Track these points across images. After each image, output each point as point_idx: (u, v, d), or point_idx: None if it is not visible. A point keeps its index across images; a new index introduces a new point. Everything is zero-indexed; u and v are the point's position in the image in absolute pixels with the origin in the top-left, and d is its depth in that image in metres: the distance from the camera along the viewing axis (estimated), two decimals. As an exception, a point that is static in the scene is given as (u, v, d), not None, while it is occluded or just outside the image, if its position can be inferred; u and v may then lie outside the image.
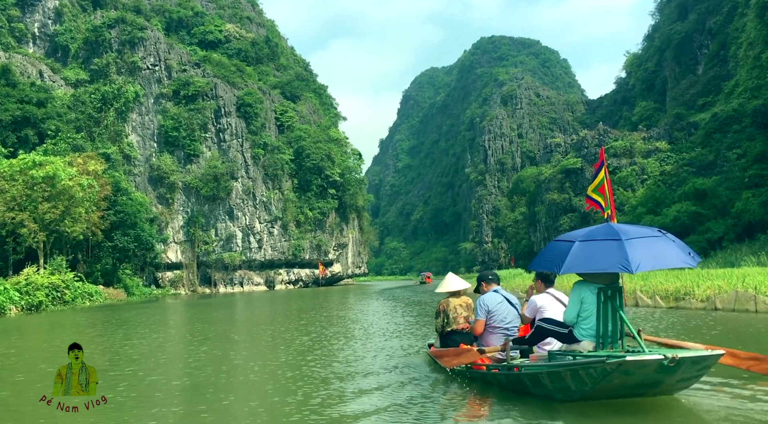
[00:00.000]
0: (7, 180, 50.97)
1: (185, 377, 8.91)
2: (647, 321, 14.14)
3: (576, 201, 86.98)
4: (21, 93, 62.75)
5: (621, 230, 5.98)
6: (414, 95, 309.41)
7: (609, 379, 5.38)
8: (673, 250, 5.80)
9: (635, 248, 5.62)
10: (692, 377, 5.69)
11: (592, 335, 6.06)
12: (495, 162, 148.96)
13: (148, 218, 75.20)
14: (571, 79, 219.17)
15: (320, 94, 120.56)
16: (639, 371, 5.34)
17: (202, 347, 12.80)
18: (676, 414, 5.49)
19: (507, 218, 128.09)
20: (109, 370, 9.41)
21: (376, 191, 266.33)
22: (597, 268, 5.74)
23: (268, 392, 7.19)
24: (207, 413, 6.08)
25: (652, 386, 5.57)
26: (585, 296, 6.13)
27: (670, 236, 6.07)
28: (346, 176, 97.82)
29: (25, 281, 37.63)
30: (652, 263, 5.76)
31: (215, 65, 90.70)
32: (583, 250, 5.86)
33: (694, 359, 5.39)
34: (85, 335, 17.82)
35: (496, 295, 7.43)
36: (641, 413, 5.53)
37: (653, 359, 5.25)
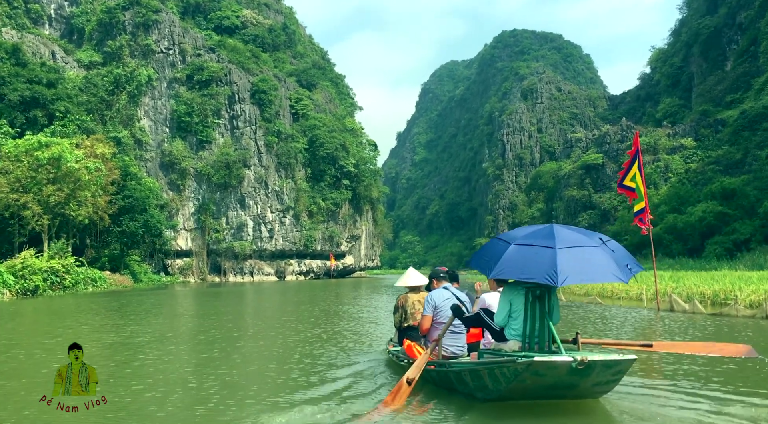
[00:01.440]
0: (12, 161, 49.80)
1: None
2: (686, 330, 12.22)
3: (596, 198, 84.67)
4: (31, 73, 61.55)
5: (559, 236, 5.72)
6: (433, 88, 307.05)
7: (521, 379, 5.31)
8: (606, 263, 5.54)
9: (566, 258, 5.41)
10: (609, 382, 5.57)
11: (519, 335, 5.95)
12: (513, 157, 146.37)
13: (158, 205, 74.05)
14: (593, 74, 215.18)
15: (337, 84, 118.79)
16: (550, 373, 5.26)
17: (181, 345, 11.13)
18: (593, 417, 5.43)
19: (524, 214, 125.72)
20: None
21: (393, 184, 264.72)
22: (524, 276, 5.57)
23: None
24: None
25: (569, 388, 5.47)
26: (513, 297, 6.01)
27: (612, 245, 5.83)
28: (361, 167, 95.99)
29: (21, 265, 36.29)
30: (580, 277, 5.53)
31: (230, 51, 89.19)
32: (516, 254, 5.72)
33: (606, 362, 5.31)
34: (65, 321, 16.31)
35: (444, 291, 7.28)
36: (560, 415, 5.42)
37: (562, 361, 5.18)
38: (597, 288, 23.76)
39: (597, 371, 5.33)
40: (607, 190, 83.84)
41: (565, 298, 22.47)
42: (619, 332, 11.88)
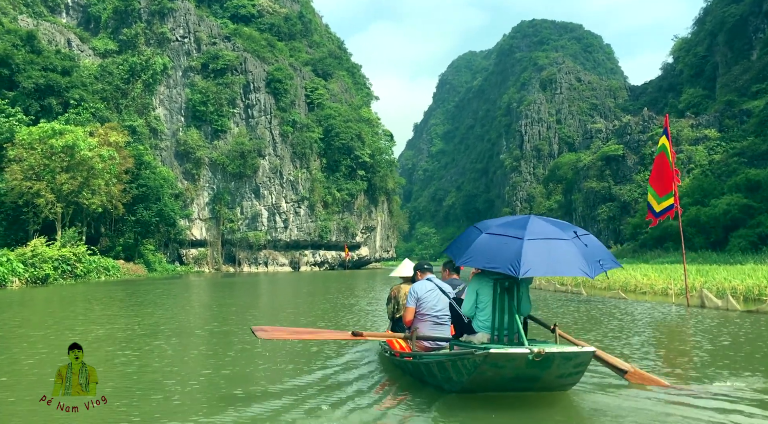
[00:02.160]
0: (25, 148, 49.51)
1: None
2: (720, 330, 11.22)
3: (616, 190, 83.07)
4: (45, 60, 61.21)
5: (531, 227, 5.65)
6: (450, 79, 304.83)
7: (481, 371, 5.31)
8: (573, 257, 5.43)
9: (532, 250, 5.37)
10: (572, 374, 5.52)
11: (487, 327, 5.89)
12: (531, 148, 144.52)
13: (173, 194, 73.75)
14: (614, 65, 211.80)
15: (353, 74, 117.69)
16: (509, 364, 5.24)
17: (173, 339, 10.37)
18: (559, 410, 5.35)
19: (542, 206, 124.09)
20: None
21: (409, 176, 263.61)
22: (489, 265, 5.54)
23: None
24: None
25: (532, 380, 5.42)
26: (481, 288, 5.95)
27: (587, 239, 5.69)
28: (377, 158, 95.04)
29: (31, 253, 35.90)
30: (544, 269, 5.42)
31: (246, 39, 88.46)
32: (485, 243, 5.71)
33: (565, 355, 5.27)
34: (61, 312, 15.69)
35: (427, 283, 7.15)
36: (528, 407, 5.37)
37: (519, 353, 5.15)
38: (619, 282, 22.72)
39: (557, 364, 5.29)
40: (628, 182, 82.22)
41: (586, 292, 21.45)
42: (647, 332, 10.92)
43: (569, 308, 16.05)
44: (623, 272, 25.18)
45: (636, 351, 8.53)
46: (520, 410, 5.27)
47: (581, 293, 21.16)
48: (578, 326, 11.69)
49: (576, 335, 9.10)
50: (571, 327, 11.34)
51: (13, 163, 48.65)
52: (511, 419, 5.09)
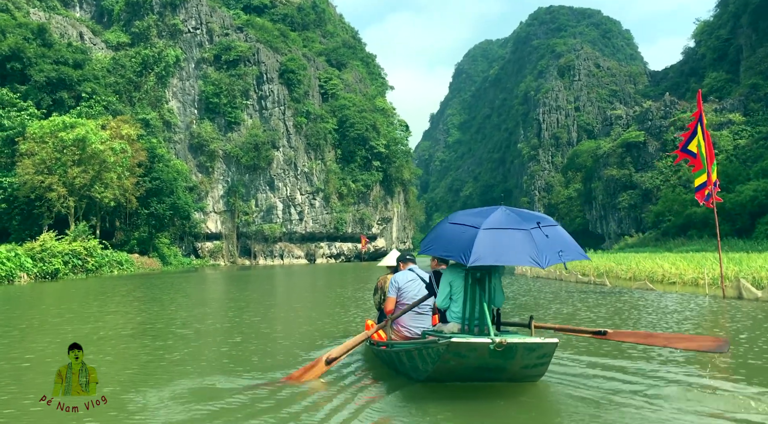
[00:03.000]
0: (36, 142, 49.12)
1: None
2: (761, 324, 10.08)
3: (637, 177, 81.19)
4: (57, 53, 60.82)
5: (491, 217, 5.64)
6: (467, 69, 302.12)
7: (444, 360, 5.35)
8: (525, 247, 5.37)
9: (484, 239, 5.37)
10: (537, 365, 5.51)
11: (459, 318, 5.86)
12: (549, 136, 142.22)
13: (188, 187, 73.30)
14: (633, 51, 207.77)
15: (368, 64, 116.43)
16: (471, 354, 5.27)
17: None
18: (527, 398, 5.32)
19: (560, 195, 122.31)
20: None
21: (426, 167, 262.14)
22: (444, 254, 5.69)
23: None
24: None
25: (498, 370, 5.44)
26: (453, 279, 5.93)
27: (549, 230, 5.60)
28: (392, 148, 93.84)
29: (40, 247, 35.36)
30: (493, 258, 5.33)
31: (258, 30, 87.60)
32: (446, 232, 5.82)
33: (527, 345, 5.27)
34: (53, 308, 14.91)
35: (408, 273, 7.15)
36: (495, 397, 5.28)
37: (480, 342, 5.18)
38: (645, 272, 21.48)
39: (520, 354, 5.30)
40: (649, 169, 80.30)
41: (610, 283, 20.26)
42: (681, 327, 9.81)
43: (592, 300, 14.93)
44: (649, 261, 23.95)
45: (679, 356, 7.24)
46: (483, 400, 5.22)
47: (605, 284, 19.97)
48: (604, 322, 10.59)
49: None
50: (595, 324, 10.26)
51: (24, 158, 48.30)
52: (472, 408, 5.04)
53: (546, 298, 16.17)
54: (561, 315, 11.65)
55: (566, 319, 10.98)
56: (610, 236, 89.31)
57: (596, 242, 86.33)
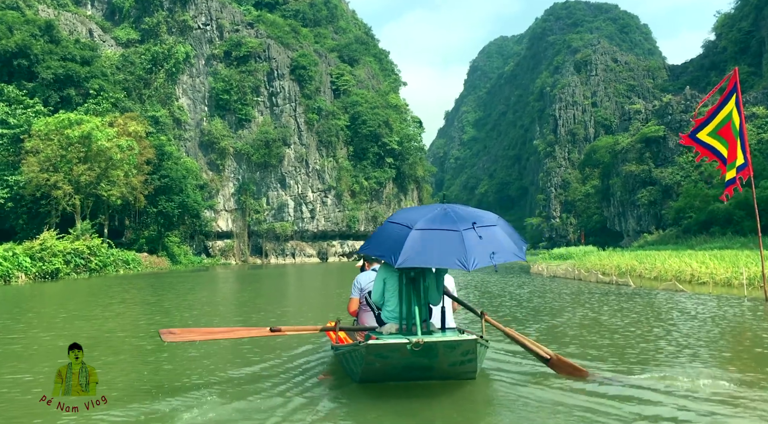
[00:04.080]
0: (42, 140, 48.31)
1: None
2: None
3: (657, 173, 78.97)
4: (64, 50, 60.02)
5: (426, 217, 5.61)
6: (482, 66, 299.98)
7: (369, 361, 5.34)
8: (454, 248, 5.29)
9: (414, 240, 5.36)
10: (464, 362, 5.51)
11: (395, 317, 5.80)
12: (566, 132, 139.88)
13: (198, 185, 72.43)
14: (651, 45, 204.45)
15: (381, 60, 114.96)
16: (393, 355, 5.26)
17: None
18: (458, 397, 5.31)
19: (577, 192, 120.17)
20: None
21: (441, 164, 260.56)
22: (377, 253, 5.72)
23: None
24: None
25: (425, 370, 5.47)
26: (388, 277, 5.85)
27: (484, 231, 5.51)
28: (405, 145, 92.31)
29: (40, 246, 34.36)
30: (421, 259, 5.33)
31: (269, 25, 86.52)
32: (383, 232, 5.82)
33: (447, 343, 5.28)
34: (35, 310, 13.73)
35: (371, 273, 6.89)
36: (424, 397, 5.27)
37: (397, 343, 5.18)
38: (672, 271, 19.88)
39: (442, 353, 5.30)
40: (670, 165, 78.05)
41: (634, 284, 18.67)
42: (731, 343, 8.33)
43: (616, 303, 13.41)
44: (675, 259, 22.32)
45: (738, 375, 5.86)
46: (414, 399, 5.19)
47: (628, 284, 18.38)
48: (636, 331, 9.14)
49: (626, 350, 7.27)
50: (618, 332, 8.83)
51: (30, 155, 47.53)
52: (401, 407, 5.00)
53: (563, 300, 14.68)
54: (585, 324, 10.20)
55: (590, 327, 9.53)
56: (629, 233, 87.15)
57: (614, 239, 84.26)
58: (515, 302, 14.40)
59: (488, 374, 6.08)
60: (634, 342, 7.99)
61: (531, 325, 10.17)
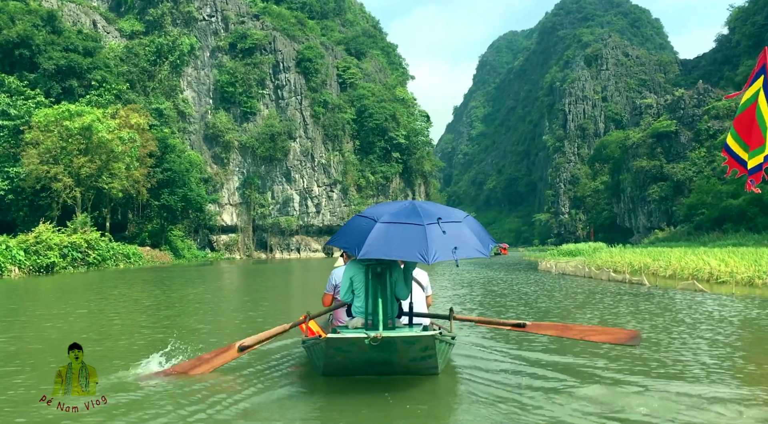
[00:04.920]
0: (42, 131, 47.54)
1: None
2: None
3: (668, 168, 77.58)
4: (66, 41, 59.23)
5: (392, 211, 5.69)
6: (491, 61, 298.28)
7: (329, 355, 5.36)
8: (415, 243, 5.33)
9: (378, 233, 5.44)
10: (425, 358, 5.44)
11: (362, 312, 5.79)
12: (575, 127, 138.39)
13: (202, 178, 71.66)
14: (663, 40, 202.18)
15: (388, 53, 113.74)
16: (352, 349, 5.27)
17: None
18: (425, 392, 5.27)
19: (587, 188, 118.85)
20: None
21: (449, 160, 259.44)
22: (341, 244, 5.83)
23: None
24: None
25: (386, 364, 5.46)
26: (354, 273, 5.86)
27: (449, 226, 5.54)
28: (412, 139, 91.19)
29: (34, 239, 33.53)
30: (383, 252, 5.36)
31: (275, 17, 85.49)
32: (351, 225, 5.92)
33: (406, 339, 5.25)
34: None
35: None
36: (383, 391, 5.20)
37: (355, 338, 5.18)
38: (689, 269, 18.75)
39: (401, 348, 5.28)
40: (681, 160, 76.60)
41: (649, 282, 17.55)
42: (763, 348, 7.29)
43: (633, 304, 12.33)
44: (691, 256, 21.17)
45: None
46: (375, 394, 5.11)
47: (643, 283, 17.25)
48: (665, 338, 8.08)
49: (653, 361, 6.31)
50: (643, 339, 7.77)
51: (29, 147, 46.80)
52: (359, 401, 4.96)
53: (576, 300, 13.60)
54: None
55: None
56: (639, 229, 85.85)
57: (624, 235, 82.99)
58: (522, 302, 13.35)
59: (458, 370, 6.00)
60: (663, 352, 6.93)
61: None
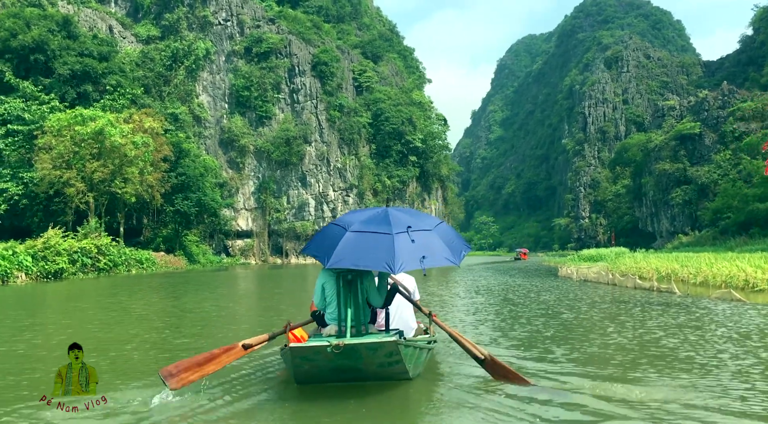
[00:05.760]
0: (54, 136, 47.24)
1: None
2: None
3: (692, 171, 75.67)
4: (81, 46, 58.99)
5: (362, 219, 5.76)
6: (509, 64, 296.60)
7: (296, 363, 5.36)
8: (381, 253, 5.36)
9: (347, 242, 5.49)
10: (392, 364, 5.41)
11: (334, 319, 5.87)
12: (595, 130, 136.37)
13: (218, 183, 71.21)
14: (685, 42, 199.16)
15: (405, 57, 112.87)
16: (317, 357, 5.24)
17: None
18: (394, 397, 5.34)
19: (607, 192, 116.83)
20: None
21: (467, 164, 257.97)
22: (312, 253, 5.81)
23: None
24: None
25: (354, 371, 5.45)
26: (326, 281, 5.87)
27: (417, 235, 5.55)
28: (429, 143, 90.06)
29: (42, 245, 32.95)
30: (351, 261, 5.41)
31: (290, 21, 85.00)
32: (323, 233, 5.95)
33: (368, 345, 5.22)
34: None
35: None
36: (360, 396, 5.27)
37: (317, 346, 5.18)
38: (722, 276, 17.47)
39: (366, 354, 5.24)
40: (706, 163, 74.65)
41: (680, 290, 16.31)
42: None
43: (665, 317, 11.12)
44: (725, 262, 19.84)
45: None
46: (347, 400, 5.12)
47: (673, 292, 15.99)
48: (712, 366, 6.97)
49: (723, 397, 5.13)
50: (694, 363, 6.67)
51: (42, 152, 46.52)
52: (329, 408, 4.97)
53: (603, 313, 12.39)
54: (636, 348, 8.01)
55: (653, 358, 7.23)
56: (662, 234, 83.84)
57: (646, 240, 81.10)
58: (541, 313, 12.21)
59: (438, 375, 5.95)
60: (727, 383, 5.76)
61: (560, 345, 8.02)
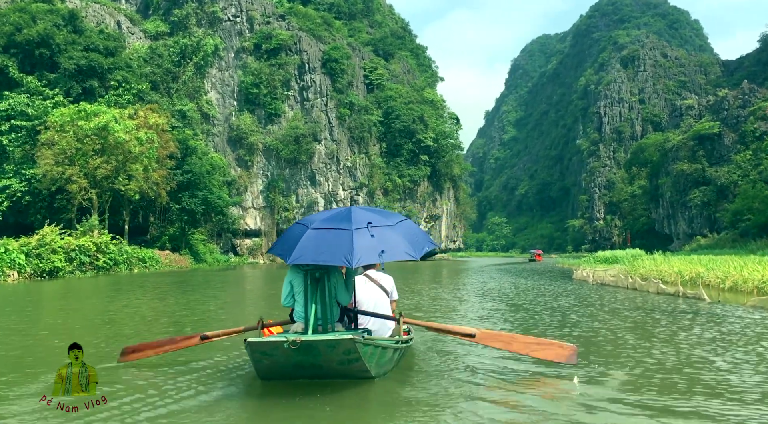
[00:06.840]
0: (57, 131, 46.35)
1: None
2: None
3: (711, 172, 73.67)
4: (87, 40, 58.13)
5: (324, 217, 5.93)
6: (523, 64, 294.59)
7: (256, 359, 5.34)
8: (341, 248, 5.44)
9: (309, 239, 5.60)
10: (352, 361, 5.33)
11: (302, 317, 5.90)
12: (611, 131, 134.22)
13: (226, 181, 70.17)
14: (703, 42, 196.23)
15: (417, 55, 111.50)
16: (275, 353, 5.20)
17: None
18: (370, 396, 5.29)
19: (623, 193, 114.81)
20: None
21: (480, 164, 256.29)
22: (275, 252, 5.91)
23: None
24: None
25: (315, 368, 5.35)
26: (293, 278, 5.95)
27: (378, 231, 5.65)
28: (441, 142, 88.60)
29: (37, 243, 31.91)
30: (311, 257, 5.52)
31: (301, 18, 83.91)
32: (289, 232, 6.05)
33: (326, 342, 5.20)
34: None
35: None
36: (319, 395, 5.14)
37: (274, 341, 5.17)
38: (753, 282, 15.94)
39: (324, 351, 5.21)
40: (725, 163, 72.64)
41: (710, 297, 14.80)
42: None
43: (701, 328, 9.66)
44: (756, 265, 18.28)
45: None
46: (308, 398, 5.08)
47: (701, 298, 14.48)
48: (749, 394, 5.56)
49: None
50: (754, 394, 5.28)
51: (45, 147, 45.63)
52: (295, 404, 4.94)
53: (627, 320, 10.93)
54: (673, 373, 6.59)
55: (700, 385, 5.81)
56: (679, 236, 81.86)
57: (663, 242, 79.14)
58: (555, 322, 10.78)
59: (406, 374, 5.94)
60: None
61: (581, 366, 6.60)
